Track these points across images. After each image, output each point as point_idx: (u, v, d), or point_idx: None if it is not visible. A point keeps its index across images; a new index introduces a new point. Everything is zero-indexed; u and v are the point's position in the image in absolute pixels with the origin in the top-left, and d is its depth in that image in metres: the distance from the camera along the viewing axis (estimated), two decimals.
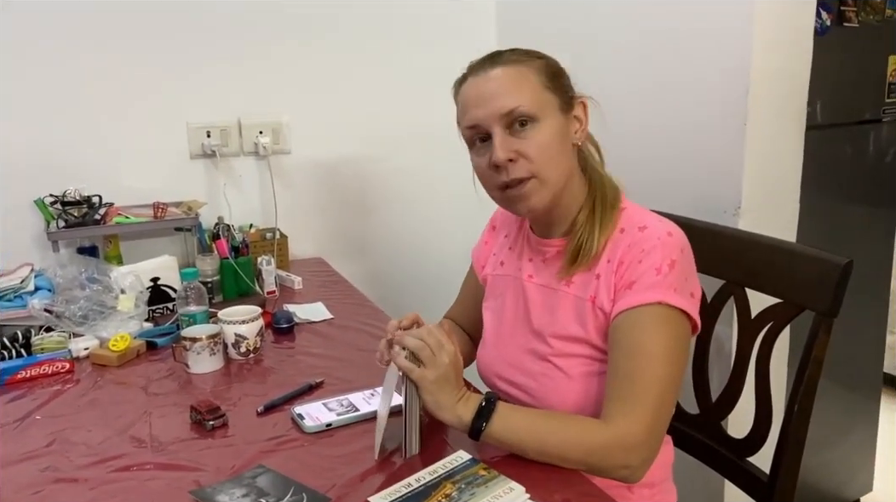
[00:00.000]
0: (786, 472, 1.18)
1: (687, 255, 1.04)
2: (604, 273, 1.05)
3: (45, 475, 1.02)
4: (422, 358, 0.98)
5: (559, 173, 1.06)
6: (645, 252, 1.01)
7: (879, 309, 2.20)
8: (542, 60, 1.07)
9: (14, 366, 1.35)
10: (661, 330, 0.99)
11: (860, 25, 1.90)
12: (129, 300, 1.54)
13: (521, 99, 1.03)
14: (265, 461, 1.02)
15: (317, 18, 2.10)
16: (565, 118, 1.07)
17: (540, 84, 1.05)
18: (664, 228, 1.04)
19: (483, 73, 1.06)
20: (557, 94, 1.06)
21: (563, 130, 1.06)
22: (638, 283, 1.00)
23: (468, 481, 0.92)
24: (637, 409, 0.96)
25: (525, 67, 1.05)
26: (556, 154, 1.05)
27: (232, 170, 2.09)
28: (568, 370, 1.07)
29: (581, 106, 1.09)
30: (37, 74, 1.83)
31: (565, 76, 1.09)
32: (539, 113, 1.03)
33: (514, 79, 1.04)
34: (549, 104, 1.05)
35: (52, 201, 1.78)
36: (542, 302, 1.13)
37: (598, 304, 1.05)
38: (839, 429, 2.16)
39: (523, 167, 1.04)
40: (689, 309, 1.01)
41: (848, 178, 2.01)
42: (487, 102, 1.04)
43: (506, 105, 1.03)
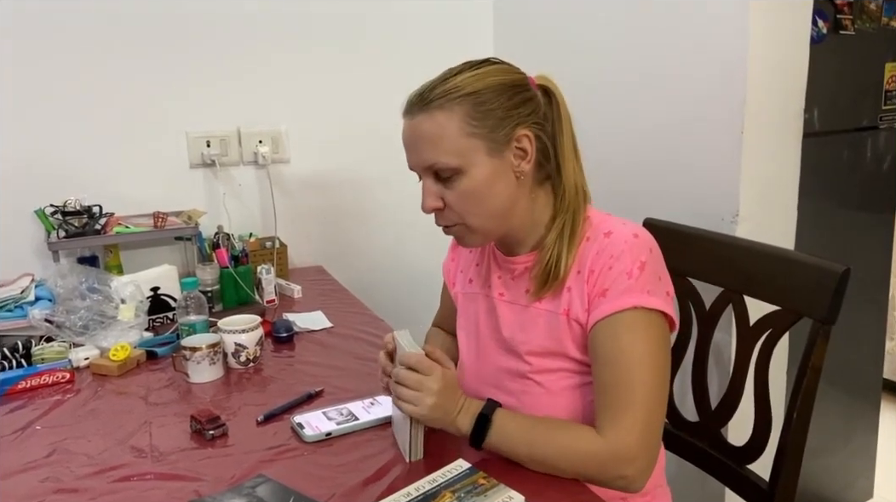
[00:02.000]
0: (786, 479, 1.18)
1: (656, 255, 1.03)
2: (575, 285, 1.03)
3: (45, 485, 1.02)
4: (404, 398, 0.99)
5: (486, 218, 1.04)
6: (614, 257, 1.00)
7: (878, 315, 2.20)
8: (469, 99, 1.00)
9: (14, 376, 1.35)
10: (639, 334, 0.98)
11: (856, 33, 1.91)
12: (130, 310, 1.54)
13: (439, 153, 1.00)
14: (265, 470, 1.02)
15: (315, 28, 2.12)
16: (498, 158, 1.01)
17: (461, 132, 0.99)
18: (629, 231, 1.02)
19: (409, 118, 1.04)
20: (484, 138, 1.00)
21: (495, 172, 1.01)
22: (611, 290, 0.99)
23: (467, 490, 0.92)
24: (627, 420, 0.96)
25: (446, 115, 0.99)
26: (483, 199, 1.02)
27: (231, 179, 2.10)
28: (548, 386, 1.07)
29: (524, 137, 1.02)
30: (37, 85, 1.84)
31: (500, 109, 1.00)
32: (461, 163, 1.00)
33: (432, 130, 1.00)
34: (472, 151, 1.00)
35: (52, 211, 1.79)
36: (514, 319, 1.11)
37: (572, 317, 1.03)
38: (839, 436, 2.15)
39: (448, 215, 1.04)
40: (666, 308, 1.00)
41: (845, 185, 2.01)
42: (412, 152, 1.04)
43: (427, 159, 1.02)
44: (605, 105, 1.91)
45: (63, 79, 1.86)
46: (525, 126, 1.02)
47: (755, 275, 1.26)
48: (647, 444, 0.97)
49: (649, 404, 0.97)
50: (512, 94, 1.02)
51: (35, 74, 1.83)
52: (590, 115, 1.93)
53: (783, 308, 1.21)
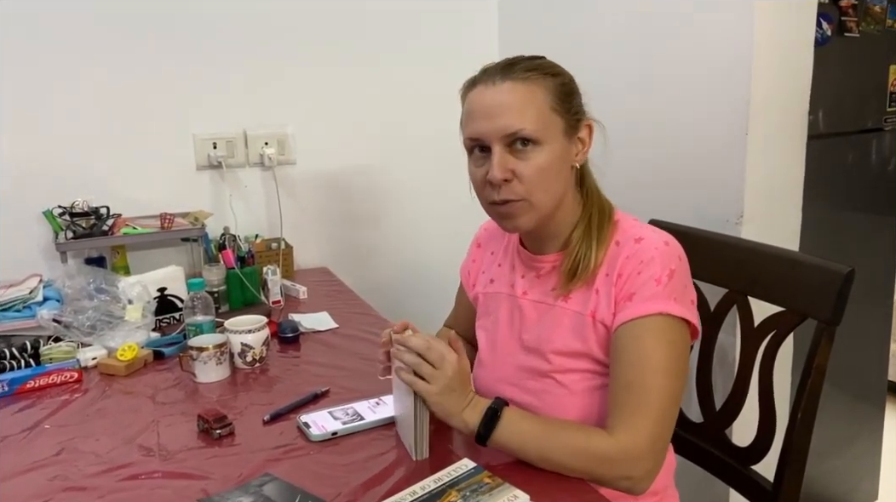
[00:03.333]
0: (790, 481, 1.18)
1: (684, 263, 1.04)
2: (602, 287, 1.04)
3: (53, 484, 1.03)
4: (422, 374, 0.99)
5: (551, 197, 1.04)
6: (644, 263, 1.01)
7: (883, 317, 2.20)
8: (556, 79, 1.04)
9: (23, 375, 1.36)
10: (662, 340, 0.99)
11: (861, 35, 1.91)
12: (137, 310, 1.55)
13: (525, 121, 1.00)
14: (271, 469, 1.03)
15: (321, 31, 2.12)
16: (568, 141, 1.05)
17: (547, 105, 1.02)
18: (660, 238, 1.04)
19: (492, 84, 1.02)
20: (564, 117, 1.03)
21: (564, 154, 1.04)
22: (638, 295, 1.00)
23: (473, 489, 0.93)
24: (640, 421, 0.97)
25: (536, 86, 1.02)
26: (551, 178, 1.03)
27: (238, 181, 2.10)
28: (570, 385, 1.07)
29: (587, 128, 1.07)
30: (45, 87, 1.85)
31: (577, 96, 1.07)
32: (542, 136, 1.01)
33: (521, 98, 1.01)
34: (553, 127, 1.02)
35: (60, 212, 1.80)
36: (538, 318, 1.12)
37: (598, 318, 1.04)
38: (844, 437, 2.15)
39: (516, 188, 1.02)
40: (690, 316, 1.02)
41: (850, 187, 2.02)
42: (492, 118, 1.01)
43: (510, 125, 1.00)
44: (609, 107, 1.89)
45: (71, 81, 1.87)
46: (589, 119, 1.07)
47: (760, 277, 1.27)
48: (656, 447, 0.97)
49: (663, 409, 0.98)
50: (577, 91, 1.08)
51: (43, 76, 1.85)
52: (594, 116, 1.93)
53: (788, 309, 1.21)
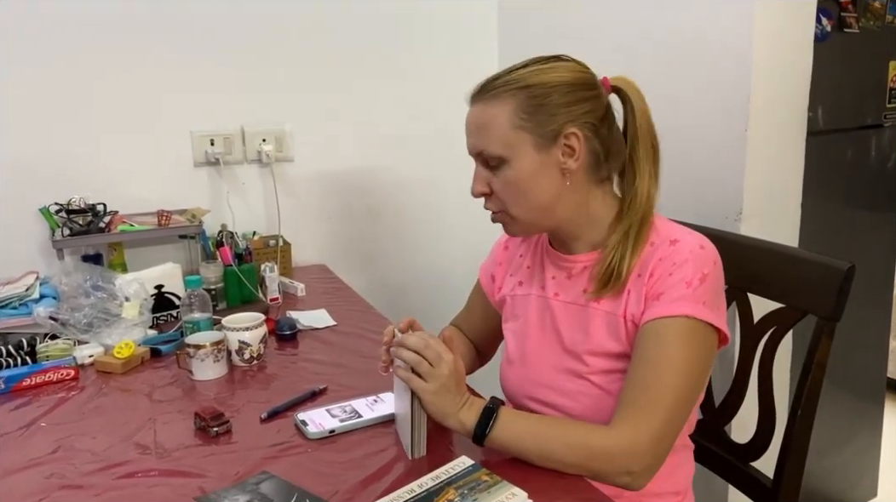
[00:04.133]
0: (789, 477, 1.18)
1: (718, 269, 1.03)
2: (634, 287, 1.04)
3: (49, 482, 1.02)
4: (420, 372, 0.99)
5: (530, 209, 1.06)
6: (676, 265, 1.00)
7: (882, 313, 2.20)
8: (524, 92, 1.02)
9: (19, 373, 1.36)
10: (684, 342, 0.98)
11: (861, 31, 1.91)
12: (134, 307, 1.54)
13: (487, 142, 1.04)
14: (269, 467, 1.03)
15: (319, 27, 2.12)
16: (544, 154, 1.03)
17: (510, 124, 1.02)
18: (696, 241, 1.03)
19: (471, 105, 1.08)
20: (531, 132, 1.02)
21: (540, 167, 1.03)
22: (666, 295, 0.99)
23: (470, 487, 0.92)
24: (645, 419, 0.96)
25: (499, 105, 1.03)
26: (525, 192, 1.05)
27: (235, 177, 2.10)
28: (606, 386, 1.06)
29: (573, 136, 1.03)
30: (41, 83, 1.84)
31: (550, 106, 1.02)
32: (506, 153, 1.03)
33: (484, 119, 1.04)
34: (519, 143, 1.03)
35: (56, 210, 1.79)
36: (571, 319, 1.11)
37: (629, 318, 1.04)
38: (843, 434, 2.15)
39: (495, 202, 1.08)
40: (718, 322, 1.00)
41: (850, 184, 2.01)
42: (469, 137, 1.08)
43: (476, 146, 1.06)
44: None
45: (67, 77, 1.86)
46: (576, 125, 1.03)
47: (759, 273, 1.26)
48: (659, 447, 0.97)
49: (672, 410, 0.97)
50: (569, 90, 1.03)
51: (39, 73, 1.84)
52: None
53: (787, 305, 1.21)
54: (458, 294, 1.40)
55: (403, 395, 1.04)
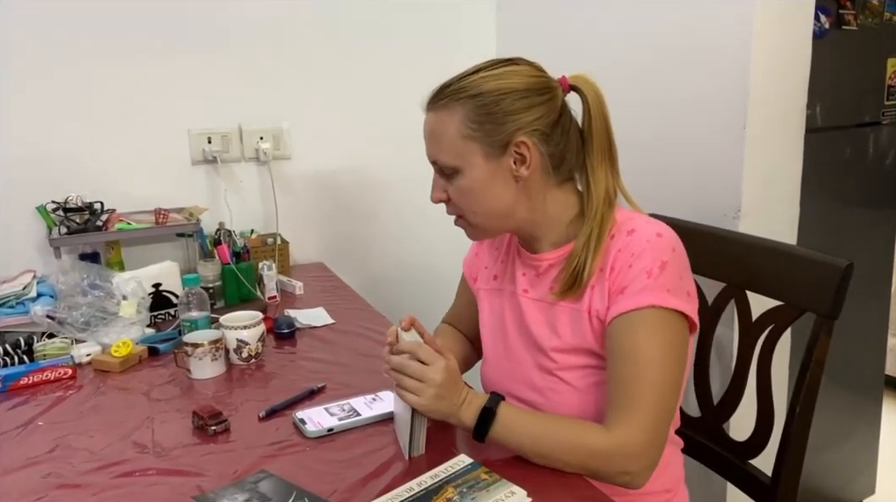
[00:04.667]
0: (788, 475, 1.18)
1: (679, 255, 1.02)
2: (597, 282, 1.04)
3: (47, 481, 1.02)
4: (408, 388, 0.99)
5: (486, 215, 1.07)
6: (635, 256, 1.00)
7: (881, 311, 2.20)
8: (473, 101, 1.01)
9: (17, 372, 1.35)
10: (655, 333, 0.98)
11: (859, 28, 1.91)
12: (131, 306, 1.54)
13: (438, 152, 1.05)
14: (267, 466, 1.02)
15: (317, 24, 2.11)
16: (494, 163, 1.03)
17: (459, 134, 1.02)
18: (653, 230, 1.03)
19: (426, 113, 1.08)
20: (480, 141, 1.02)
21: (492, 175, 1.03)
22: (629, 288, 0.99)
23: (469, 485, 0.92)
24: (636, 416, 0.96)
25: (449, 115, 1.03)
26: (479, 199, 1.05)
27: (233, 175, 2.09)
28: (574, 382, 1.07)
29: (523, 145, 1.02)
30: (38, 81, 1.84)
31: (500, 114, 1.01)
32: (458, 163, 1.03)
33: (435, 129, 1.05)
34: (469, 153, 1.03)
35: (53, 208, 1.79)
36: (540, 316, 1.11)
37: (594, 313, 1.04)
38: (841, 432, 2.15)
39: (453, 208, 1.10)
40: (686, 309, 1.00)
41: (848, 181, 2.01)
42: (426, 145, 1.08)
43: (430, 154, 1.07)
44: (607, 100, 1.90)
45: (64, 75, 1.86)
46: (526, 133, 1.02)
47: (758, 271, 1.26)
48: (654, 442, 0.97)
49: (660, 403, 0.97)
50: (519, 97, 1.02)
51: (36, 71, 1.83)
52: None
53: (786, 303, 1.21)
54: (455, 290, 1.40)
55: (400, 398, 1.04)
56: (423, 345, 1.00)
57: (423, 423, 1.03)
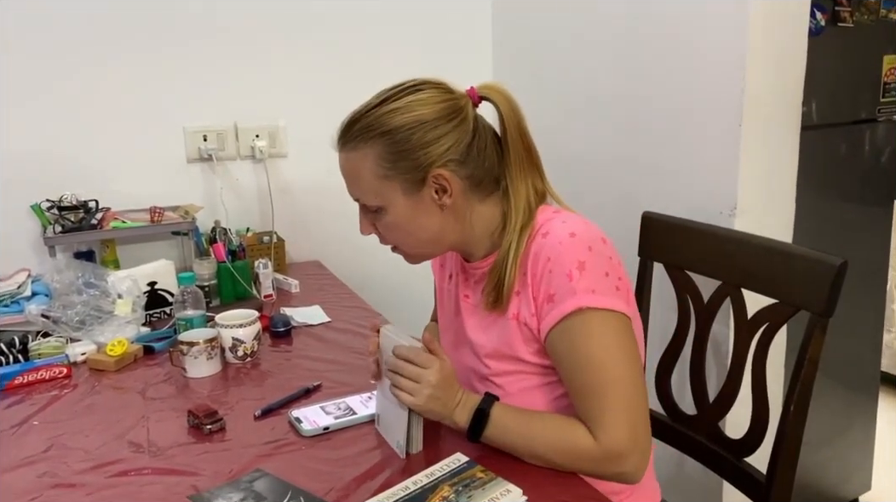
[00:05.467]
0: (783, 472, 1.18)
1: (597, 252, 0.99)
2: (521, 288, 1.03)
3: (42, 481, 1.02)
4: (402, 388, 0.99)
5: (418, 244, 1.08)
6: (552, 260, 0.98)
7: (876, 308, 2.20)
8: (383, 139, 1.00)
9: (11, 371, 1.35)
10: (593, 335, 0.97)
11: (855, 25, 1.91)
12: (127, 305, 1.54)
13: (360, 192, 1.05)
14: (263, 465, 1.02)
15: (313, 22, 2.11)
16: (416, 197, 1.02)
17: (375, 175, 1.01)
18: (566, 230, 0.99)
19: (338, 152, 1.06)
20: (398, 179, 1.01)
21: (415, 209, 1.03)
22: (557, 295, 0.98)
23: (465, 483, 0.92)
24: (610, 420, 0.95)
25: (362, 156, 1.01)
26: (409, 232, 1.06)
27: (229, 173, 2.09)
28: (507, 387, 1.07)
29: (440, 177, 1.01)
30: (33, 79, 1.83)
31: (413, 150, 1.00)
32: (380, 202, 1.03)
33: (352, 171, 1.04)
34: (389, 191, 1.02)
35: (48, 206, 1.78)
36: (475, 322, 1.12)
37: (521, 320, 1.03)
38: (837, 429, 2.16)
39: (385, 239, 1.10)
40: (614, 305, 0.97)
41: (844, 178, 2.01)
42: (346, 183, 1.07)
43: (351, 192, 1.07)
44: (602, 98, 1.90)
45: (59, 73, 1.85)
46: (440, 165, 1.01)
47: (753, 269, 1.26)
48: (636, 437, 0.96)
49: (626, 399, 0.96)
50: (429, 129, 1.00)
51: (31, 69, 1.83)
52: (588, 107, 1.92)
53: (781, 301, 1.21)
54: None
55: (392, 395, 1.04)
56: (420, 348, 1.00)
57: (419, 420, 1.03)
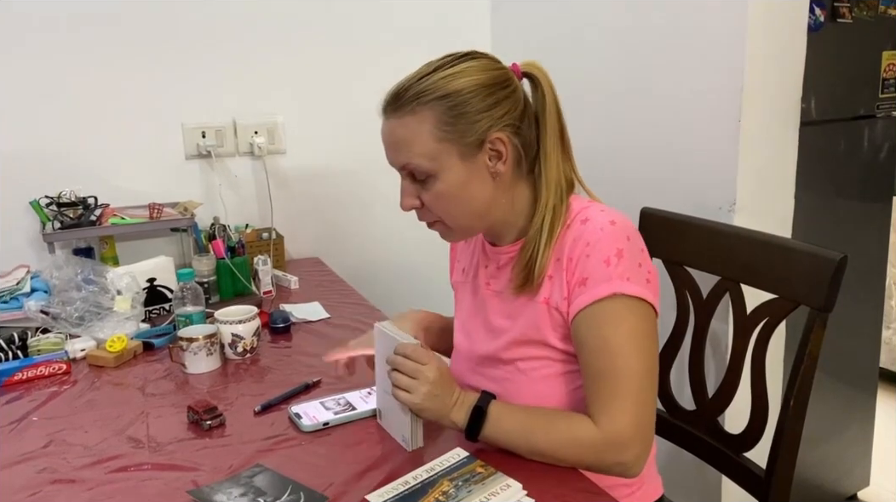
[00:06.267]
0: (782, 467, 1.19)
1: (634, 242, 1.01)
2: (555, 273, 1.03)
3: (42, 476, 1.02)
4: (400, 385, 0.99)
5: (465, 216, 1.05)
6: (590, 245, 0.99)
7: (875, 304, 2.20)
8: (442, 102, 0.99)
9: (11, 367, 1.35)
10: (621, 322, 0.98)
11: (854, 21, 1.91)
12: (126, 301, 1.54)
13: (411, 157, 1.01)
14: (262, 460, 1.02)
15: (312, 18, 2.10)
16: (471, 162, 1.01)
17: (432, 136, 0.99)
18: (606, 218, 1.01)
19: (385, 119, 1.04)
20: (456, 142, 1.00)
21: (469, 175, 1.02)
22: (591, 279, 0.98)
23: (465, 478, 0.92)
24: (618, 407, 0.96)
25: (418, 119, 0.99)
26: (457, 201, 1.03)
27: (227, 170, 2.09)
28: (530, 373, 1.07)
29: (498, 141, 1.01)
30: (32, 76, 1.83)
31: (472, 112, 0.99)
32: (433, 167, 1.01)
33: (404, 135, 1.01)
34: (444, 155, 1.00)
35: (47, 203, 1.78)
36: (500, 308, 1.11)
37: (552, 305, 1.03)
38: (836, 425, 2.16)
39: (427, 213, 1.07)
40: (646, 295, 0.99)
41: (842, 174, 2.01)
42: (390, 152, 1.05)
43: (400, 161, 1.03)
44: (602, 94, 1.90)
45: (58, 70, 1.85)
46: (498, 129, 1.01)
47: (752, 264, 1.26)
48: (641, 429, 0.97)
49: (638, 390, 0.97)
50: (486, 94, 1.01)
51: (30, 66, 1.82)
52: (586, 104, 1.92)
53: (780, 296, 1.21)
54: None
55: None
56: (419, 346, 1.01)
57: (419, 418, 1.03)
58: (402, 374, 0.99)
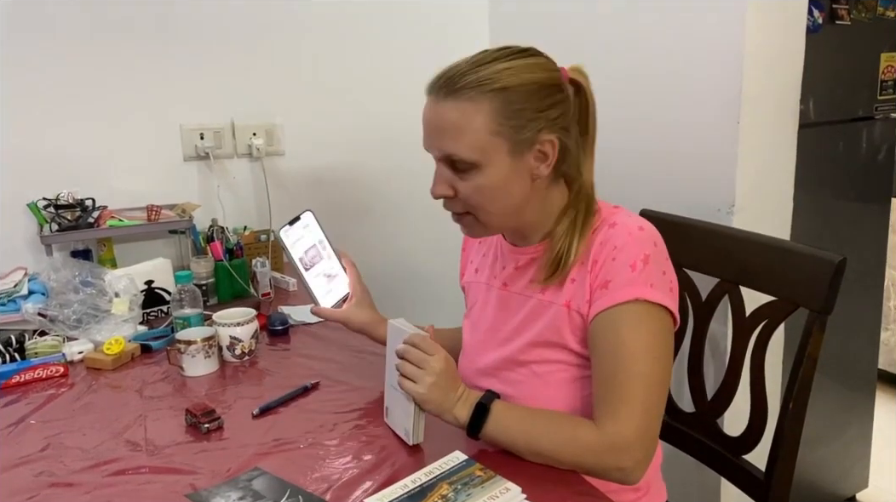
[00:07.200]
0: (781, 470, 1.18)
1: (660, 249, 1.02)
2: (578, 275, 1.03)
3: (39, 480, 1.01)
4: (406, 374, 0.99)
5: (498, 213, 1.03)
6: (617, 249, 0.99)
7: (873, 306, 2.21)
8: (503, 94, 0.97)
9: (8, 370, 1.34)
10: (640, 327, 0.97)
11: (852, 23, 1.91)
12: (124, 303, 1.53)
13: (459, 146, 0.98)
14: (261, 463, 1.02)
15: (310, 20, 2.10)
16: (518, 160, 1.00)
17: (486, 128, 0.97)
18: (634, 223, 1.02)
19: (434, 99, 1.00)
20: (508, 138, 0.98)
21: (513, 172, 1.00)
22: (613, 282, 0.98)
23: (464, 482, 0.92)
24: (624, 411, 0.95)
25: (476, 107, 0.96)
26: (495, 197, 1.01)
27: (226, 172, 2.08)
28: (545, 377, 1.06)
29: (548, 143, 1.00)
30: (29, 78, 1.82)
31: (529, 110, 0.98)
32: (479, 159, 0.98)
33: (458, 121, 0.97)
34: (494, 149, 0.98)
35: (45, 205, 1.77)
36: (517, 309, 1.11)
37: (573, 308, 1.03)
38: (834, 426, 2.16)
39: (458, 204, 1.04)
40: (668, 303, 0.99)
41: (841, 176, 2.02)
42: (432, 137, 1.01)
43: (445, 148, 0.99)
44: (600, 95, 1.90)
45: (56, 71, 1.84)
46: (550, 131, 1.00)
47: (751, 266, 1.26)
48: (645, 436, 0.96)
49: (648, 396, 0.96)
50: (546, 94, 1.00)
51: (27, 66, 1.81)
52: None
53: (779, 298, 1.21)
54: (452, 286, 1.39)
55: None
56: (426, 336, 1.01)
57: (422, 410, 1.03)
58: (409, 363, 0.99)
